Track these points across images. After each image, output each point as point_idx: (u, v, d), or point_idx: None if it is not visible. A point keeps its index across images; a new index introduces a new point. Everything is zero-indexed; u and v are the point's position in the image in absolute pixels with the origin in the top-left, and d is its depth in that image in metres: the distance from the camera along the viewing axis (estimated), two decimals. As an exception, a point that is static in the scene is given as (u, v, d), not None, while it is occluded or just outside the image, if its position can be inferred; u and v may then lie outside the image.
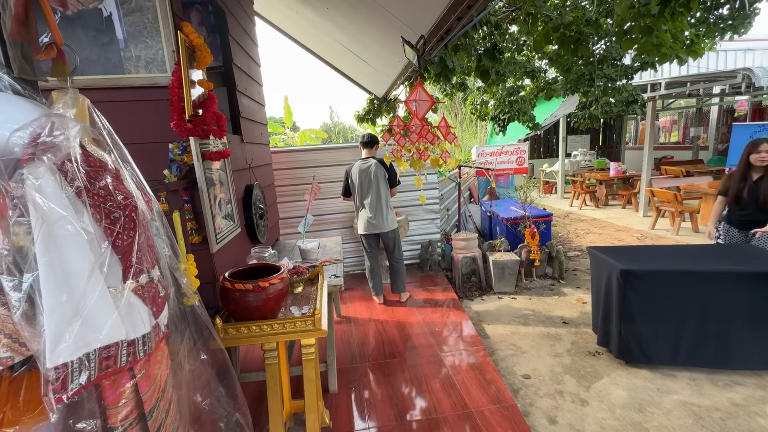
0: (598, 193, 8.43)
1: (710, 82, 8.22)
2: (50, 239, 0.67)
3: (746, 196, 2.95)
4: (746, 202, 2.96)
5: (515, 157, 6.28)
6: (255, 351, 3.02)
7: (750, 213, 2.98)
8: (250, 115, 2.93)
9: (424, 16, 2.76)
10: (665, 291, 2.52)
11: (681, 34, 3.53)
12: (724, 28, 5.32)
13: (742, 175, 3.00)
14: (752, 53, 10.58)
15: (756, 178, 2.95)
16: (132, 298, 0.86)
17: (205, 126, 1.72)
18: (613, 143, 12.64)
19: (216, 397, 1.28)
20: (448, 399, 2.38)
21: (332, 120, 24.54)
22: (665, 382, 2.49)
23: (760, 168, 2.92)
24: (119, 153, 0.95)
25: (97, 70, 1.64)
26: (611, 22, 4.46)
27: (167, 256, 1.12)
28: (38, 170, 0.66)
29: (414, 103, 2.71)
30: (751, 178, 2.97)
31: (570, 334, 3.16)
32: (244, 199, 2.54)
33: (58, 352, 0.69)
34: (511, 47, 5.65)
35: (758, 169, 2.94)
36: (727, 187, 3.09)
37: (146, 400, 0.89)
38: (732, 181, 3.05)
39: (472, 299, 3.98)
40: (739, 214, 3.05)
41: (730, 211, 3.13)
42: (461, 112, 12.94)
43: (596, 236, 6.15)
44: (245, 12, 3.11)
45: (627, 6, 3.18)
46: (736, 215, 3.09)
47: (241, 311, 1.62)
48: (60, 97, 0.81)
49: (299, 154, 4.53)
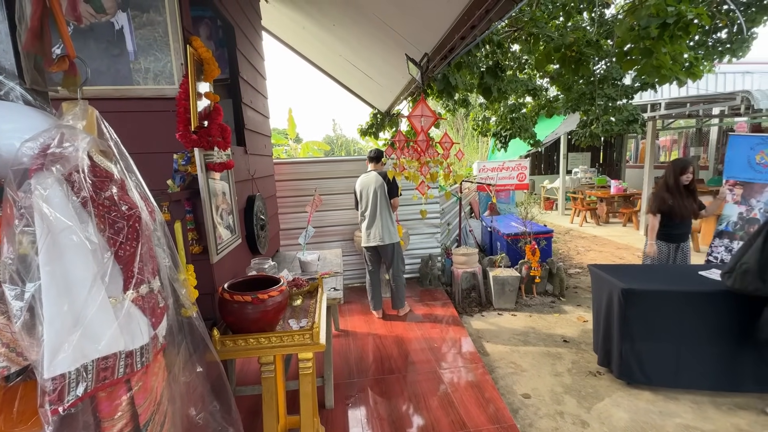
0: (598, 211, 8.44)
1: (709, 104, 8.31)
2: (54, 249, 0.67)
3: (680, 211, 3.24)
4: (680, 216, 3.25)
5: (516, 173, 6.31)
6: (251, 364, 2.99)
7: (682, 226, 3.31)
8: (255, 127, 2.96)
9: (428, 34, 2.82)
10: (666, 311, 2.50)
11: (680, 57, 3.60)
12: (722, 52, 5.43)
13: (672, 193, 3.27)
14: (750, 76, 10.73)
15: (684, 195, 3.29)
16: (132, 309, 0.86)
17: (210, 137, 1.75)
18: (613, 161, 12.72)
19: (210, 411, 1.26)
20: (446, 417, 2.34)
21: (335, 132, 24.77)
22: (668, 405, 2.45)
23: (684, 186, 3.28)
24: (125, 163, 0.97)
25: (106, 80, 1.67)
26: (611, 43, 4.54)
27: (167, 267, 1.12)
28: (46, 181, 0.66)
29: (418, 118, 2.75)
30: (684, 195, 3.28)
31: (571, 353, 3.12)
32: (246, 210, 2.55)
33: (56, 363, 0.68)
34: (513, 65, 5.76)
35: (682, 187, 3.28)
36: (669, 205, 3.27)
37: (141, 413, 0.88)
38: (671, 199, 3.27)
39: (472, 315, 3.94)
40: (676, 228, 3.31)
41: (664, 226, 3.34)
42: (463, 128, 13.07)
43: (597, 254, 6.13)
44: (253, 27, 3.18)
45: (627, 28, 3.25)
46: (668, 230, 3.33)
47: (239, 323, 1.61)
48: (70, 109, 0.83)
49: (301, 166, 4.56)
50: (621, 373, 2.63)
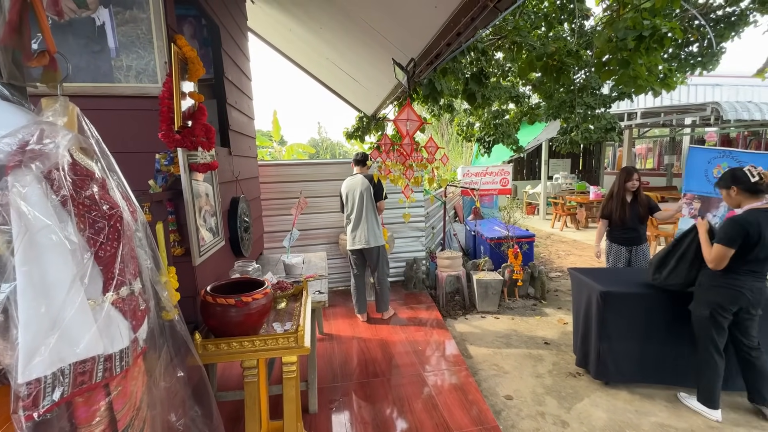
0: (578, 216, 8.66)
1: (682, 114, 8.65)
2: (32, 249, 0.65)
3: (627, 216, 3.39)
4: (629, 220, 3.40)
5: (499, 178, 6.42)
6: (232, 369, 2.93)
7: (631, 229, 3.44)
8: (239, 128, 2.93)
9: (415, 40, 2.86)
10: (641, 312, 2.59)
11: (655, 68, 3.76)
12: (694, 64, 5.68)
13: (620, 199, 3.43)
14: (720, 88, 11.25)
15: (630, 200, 3.43)
16: (112, 311, 0.84)
17: (194, 137, 1.72)
18: (592, 168, 13.09)
19: (191, 417, 1.23)
20: (430, 420, 2.35)
21: (320, 135, 24.67)
22: (644, 404, 2.53)
23: (631, 192, 3.43)
24: (106, 162, 0.94)
25: (86, 77, 1.62)
26: (591, 53, 4.70)
27: (149, 268, 1.09)
28: (25, 178, 0.64)
29: (404, 122, 2.77)
30: (627, 201, 3.43)
31: (551, 355, 3.19)
32: (230, 212, 2.51)
33: (31, 367, 0.66)
34: (497, 73, 5.88)
35: (630, 192, 3.44)
36: (610, 210, 3.48)
37: (120, 419, 0.86)
38: (613, 205, 3.46)
39: (456, 318, 3.98)
40: (621, 231, 3.47)
41: (614, 230, 3.52)
42: (448, 133, 13.23)
43: (577, 258, 6.28)
44: (239, 27, 3.15)
45: (605, 40, 3.37)
46: (619, 233, 3.49)
47: (222, 327, 1.59)
48: (50, 105, 0.80)
49: (286, 168, 4.52)
50: (598, 373, 2.70)
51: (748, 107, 7.52)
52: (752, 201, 2.27)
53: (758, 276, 2.26)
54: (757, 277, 2.26)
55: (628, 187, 3.41)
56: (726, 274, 2.28)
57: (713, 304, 2.32)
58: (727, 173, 2.38)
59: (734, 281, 2.26)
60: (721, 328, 2.34)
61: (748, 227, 2.16)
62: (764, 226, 2.16)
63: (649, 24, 3.15)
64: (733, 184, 2.33)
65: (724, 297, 2.29)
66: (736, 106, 7.48)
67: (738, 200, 2.33)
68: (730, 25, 5.42)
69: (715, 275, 2.32)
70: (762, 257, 2.20)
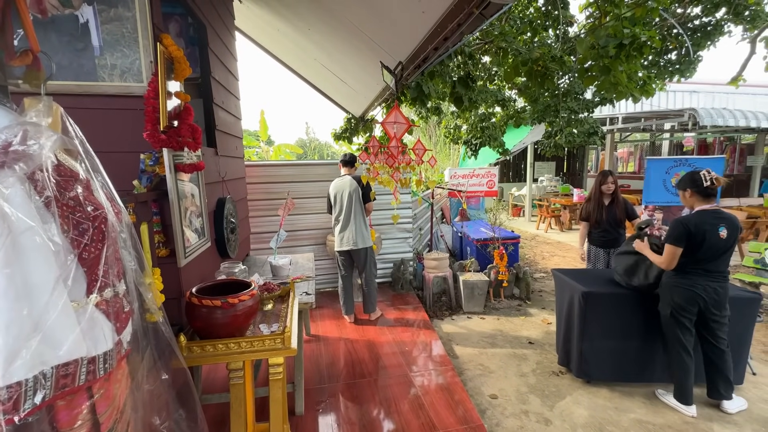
0: (562, 218, 8.84)
1: (661, 119, 8.91)
2: (14, 250, 0.64)
3: (605, 218, 3.52)
4: (605, 222, 3.53)
5: (486, 180, 6.51)
6: (218, 371, 2.90)
7: (608, 232, 3.55)
8: (226, 128, 2.90)
9: (402, 44, 2.89)
10: (621, 312, 2.67)
11: (635, 75, 3.87)
12: (672, 72, 5.87)
13: (597, 201, 3.56)
14: (697, 95, 11.64)
15: (607, 203, 3.55)
16: (95, 313, 0.83)
17: (180, 138, 1.70)
18: (576, 170, 13.37)
19: (175, 420, 1.22)
20: (416, 420, 2.37)
21: (308, 136, 24.56)
22: (623, 401, 2.60)
23: (608, 195, 3.55)
24: (91, 162, 0.93)
25: (68, 75, 1.59)
26: (574, 59, 4.82)
27: (133, 270, 1.08)
28: (8, 179, 0.64)
29: (391, 125, 2.79)
30: (604, 203, 3.55)
31: (535, 354, 3.25)
32: (216, 213, 2.49)
33: (12, 370, 0.65)
34: (484, 76, 5.96)
35: (607, 195, 3.56)
36: (588, 213, 3.61)
37: (103, 422, 0.85)
38: (590, 207, 3.59)
39: (442, 319, 4.02)
40: (599, 233, 3.59)
41: (592, 232, 3.65)
42: (435, 135, 13.33)
43: (561, 259, 6.41)
44: (226, 26, 3.13)
45: (587, 46, 3.46)
46: (597, 235, 3.62)
47: (207, 328, 1.57)
48: (33, 105, 0.79)
49: (273, 169, 4.49)
50: (580, 372, 2.77)
51: (723, 113, 7.81)
52: (703, 203, 2.41)
53: (712, 276, 2.37)
54: (711, 277, 2.37)
55: (603, 190, 3.53)
56: (680, 275, 2.42)
57: (672, 303, 2.44)
58: (686, 175, 2.50)
59: (687, 281, 2.39)
60: (685, 328, 2.44)
61: (690, 227, 2.31)
62: (709, 227, 2.30)
63: (629, 33, 3.26)
64: (688, 187, 2.46)
65: (680, 296, 2.41)
66: (711, 113, 7.76)
67: (692, 202, 2.47)
68: (707, 35, 5.63)
69: (672, 276, 2.45)
70: (710, 256, 2.33)
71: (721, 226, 2.30)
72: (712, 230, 2.29)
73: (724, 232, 2.29)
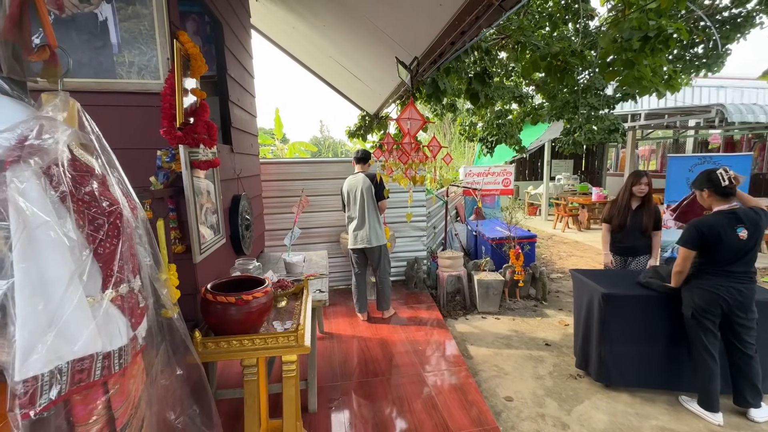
0: (580, 217, 8.64)
1: (686, 116, 8.60)
2: (30, 245, 0.64)
3: (629, 223, 3.14)
4: (629, 228, 3.14)
5: (501, 178, 6.40)
6: (232, 367, 2.93)
7: (629, 239, 3.17)
8: (242, 126, 2.92)
9: (419, 39, 2.84)
10: (644, 315, 2.58)
11: (660, 69, 3.72)
12: (699, 66, 5.64)
13: (624, 204, 3.17)
14: (725, 90, 11.18)
15: (635, 207, 3.16)
16: (110, 309, 0.83)
17: (196, 134, 1.71)
18: (595, 169, 13.05)
19: (190, 415, 1.23)
20: (430, 420, 2.34)
21: (322, 133, 24.68)
22: (644, 407, 2.51)
23: (639, 198, 3.14)
24: (107, 158, 0.93)
25: (87, 73, 1.61)
26: (595, 54, 4.67)
27: (148, 265, 1.09)
28: (23, 174, 0.64)
29: (406, 121, 2.75)
30: (631, 207, 3.16)
31: (552, 357, 3.17)
32: (231, 210, 2.50)
33: (28, 365, 0.65)
34: (500, 72, 5.85)
35: (637, 198, 3.15)
36: (611, 215, 3.24)
37: (118, 417, 0.85)
38: (616, 209, 3.21)
39: (456, 318, 3.97)
40: (620, 240, 3.21)
41: (612, 237, 3.28)
42: (450, 132, 13.21)
43: (578, 259, 6.26)
44: (242, 24, 3.14)
45: (610, 40, 3.34)
46: (616, 241, 3.24)
47: (222, 325, 1.58)
48: (50, 100, 0.80)
49: (288, 167, 4.51)
50: (599, 376, 2.69)
51: (753, 109, 7.47)
52: (721, 204, 2.30)
53: (735, 277, 2.27)
54: (734, 278, 2.27)
55: (635, 192, 3.12)
56: (702, 276, 2.34)
57: (694, 305, 2.36)
58: (701, 174, 2.38)
59: (708, 282, 2.31)
60: (708, 330, 2.34)
61: (703, 229, 2.23)
62: (725, 228, 2.20)
63: (655, 24, 3.13)
64: (705, 187, 2.35)
65: (701, 298, 2.33)
66: (741, 108, 7.44)
67: (709, 202, 2.36)
68: (736, 27, 5.38)
69: (693, 277, 2.37)
70: (729, 258, 2.24)
71: (740, 227, 2.20)
72: (728, 231, 2.20)
73: (743, 232, 2.19)
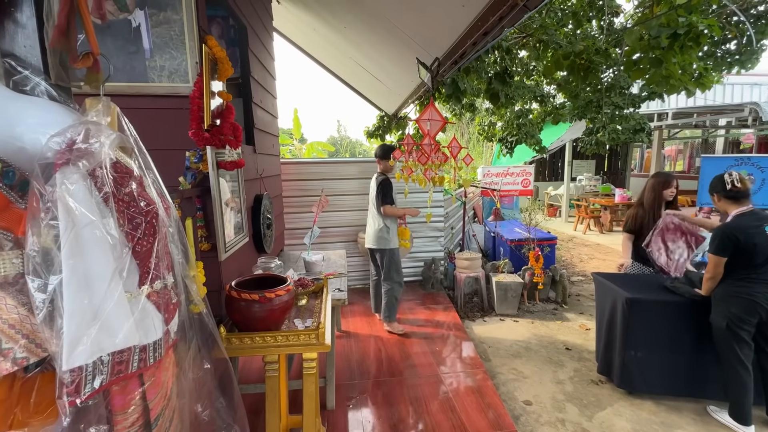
0: (602, 219, 8.42)
1: (717, 115, 8.27)
2: (77, 243, 0.68)
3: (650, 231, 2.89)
4: None
5: (521, 179, 6.31)
6: (253, 362, 2.99)
7: None
8: (264, 127, 2.98)
9: (440, 39, 2.84)
10: (670, 321, 2.50)
11: (689, 67, 3.60)
12: (731, 63, 5.42)
13: (654, 210, 2.90)
14: (759, 88, 10.67)
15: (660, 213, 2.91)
16: (147, 304, 0.87)
17: (222, 136, 1.76)
18: (618, 170, 12.69)
19: (216, 408, 1.27)
20: (447, 422, 2.34)
21: (339, 134, 24.84)
22: (670, 416, 2.44)
23: (667, 202, 2.93)
24: (143, 160, 0.98)
25: (121, 77, 1.68)
26: (620, 51, 4.55)
27: (179, 263, 1.13)
28: (73, 176, 0.68)
29: (426, 122, 2.75)
30: (661, 214, 2.89)
31: (573, 361, 3.11)
32: (253, 209, 2.56)
33: (75, 356, 0.69)
34: (521, 72, 5.76)
35: (665, 202, 2.94)
36: (640, 223, 2.95)
37: (153, 408, 0.89)
38: (646, 217, 2.93)
39: (474, 320, 3.94)
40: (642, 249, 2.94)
41: (637, 246, 3.01)
42: (468, 132, 13.09)
43: (600, 262, 6.11)
44: (265, 27, 3.20)
45: (637, 38, 3.25)
46: (641, 250, 2.97)
47: (245, 321, 1.62)
48: (93, 105, 0.84)
49: (307, 167, 4.58)
50: (622, 382, 2.62)
51: (789, 108, 7.12)
52: (736, 207, 2.22)
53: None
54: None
55: (666, 196, 2.89)
56: (737, 283, 2.23)
57: (729, 314, 2.25)
58: (714, 178, 2.30)
59: (745, 289, 2.20)
60: (743, 341, 2.24)
61: (738, 234, 2.13)
62: (754, 230, 2.11)
63: (685, 21, 3.02)
64: (715, 191, 2.27)
65: (738, 307, 2.22)
66: (776, 107, 7.10)
67: (723, 206, 2.28)
68: (772, 22, 5.14)
69: (728, 284, 2.26)
70: (763, 261, 2.15)
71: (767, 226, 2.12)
72: (758, 233, 2.12)
73: None
